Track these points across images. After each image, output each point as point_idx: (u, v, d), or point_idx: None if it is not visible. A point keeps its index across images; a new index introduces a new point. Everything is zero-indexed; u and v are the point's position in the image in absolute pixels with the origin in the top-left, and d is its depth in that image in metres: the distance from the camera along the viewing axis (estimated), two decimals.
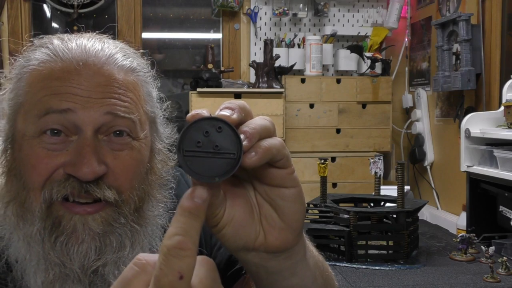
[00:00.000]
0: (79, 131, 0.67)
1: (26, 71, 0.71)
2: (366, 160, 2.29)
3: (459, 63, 2.48)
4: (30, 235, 0.67)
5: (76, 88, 0.67)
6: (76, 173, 0.66)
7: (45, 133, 0.67)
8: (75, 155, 0.67)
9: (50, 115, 0.67)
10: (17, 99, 0.71)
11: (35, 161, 0.67)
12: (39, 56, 0.71)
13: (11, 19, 3.10)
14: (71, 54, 0.70)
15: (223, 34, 3.31)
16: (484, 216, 1.97)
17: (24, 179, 0.68)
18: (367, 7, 3.30)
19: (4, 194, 0.70)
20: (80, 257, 0.66)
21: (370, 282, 1.51)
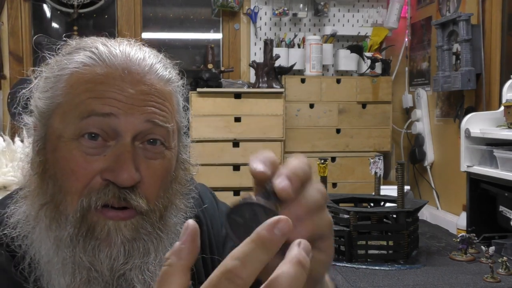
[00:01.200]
0: (117, 136, 0.68)
1: (67, 72, 0.71)
2: (366, 160, 2.29)
3: (459, 63, 2.48)
4: (60, 238, 0.68)
5: (119, 94, 0.69)
6: (115, 179, 0.67)
7: (83, 136, 0.67)
8: (114, 160, 0.68)
9: (91, 118, 0.67)
10: (54, 99, 0.71)
11: (74, 165, 0.68)
12: (81, 59, 0.72)
13: (11, 19, 3.10)
14: (116, 60, 0.72)
15: (223, 34, 3.31)
16: (484, 216, 1.97)
17: (60, 182, 0.69)
18: (367, 7, 3.30)
19: (38, 196, 0.70)
20: (110, 260, 0.68)
21: (370, 282, 1.51)
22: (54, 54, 0.76)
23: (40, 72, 0.76)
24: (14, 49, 3.12)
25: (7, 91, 2.96)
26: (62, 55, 0.75)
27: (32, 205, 0.71)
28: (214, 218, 0.90)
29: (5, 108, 2.96)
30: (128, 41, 0.78)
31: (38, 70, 0.76)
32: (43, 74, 0.74)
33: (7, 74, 3.10)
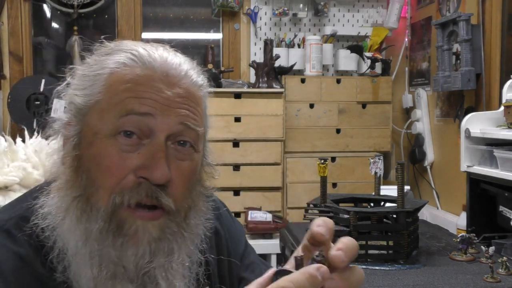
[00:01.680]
0: (152, 135, 0.72)
1: (106, 71, 0.75)
2: (366, 160, 2.29)
3: (459, 63, 2.48)
4: (90, 231, 0.70)
5: (157, 95, 0.72)
6: (149, 176, 0.70)
7: (120, 134, 0.71)
8: (148, 158, 0.71)
9: (130, 116, 0.71)
10: (92, 96, 0.74)
11: (109, 162, 0.71)
12: (122, 59, 0.75)
13: (11, 19, 3.10)
14: (155, 63, 0.75)
15: (223, 34, 3.31)
16: (484, 216, 1.97)
17: (94, 177, 0.71)
18: (367, 7, 3.30)
19: (71, 188, 0.73)
20: (136, 257, 0.71)
21: (370, 282, 1.51)
22: (91, 54, 0.80)
23: (76, 70, 0.79)
24: (14, 49, 3.12)
25: (7, 91, 2.96)
26: (101, 55, 0.78)
27: (64, 197, 0.73)
28: (231, 231, 0.96)
29: (5, 108, 2.96)
30: (163, 46, 0.81)
31: (73, 68, 0.80)
32: (80, 72, 0.78)
33: (7, 74, 3.10)
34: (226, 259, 0.91)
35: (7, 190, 1.19)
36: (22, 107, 2.83)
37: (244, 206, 2.79)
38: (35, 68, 3.20)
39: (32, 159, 1.23)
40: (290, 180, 2.91)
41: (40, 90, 2.84)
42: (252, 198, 2.84)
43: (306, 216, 1.87)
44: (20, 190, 1.19)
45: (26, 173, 1.19)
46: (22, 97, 2.83)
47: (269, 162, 2.86)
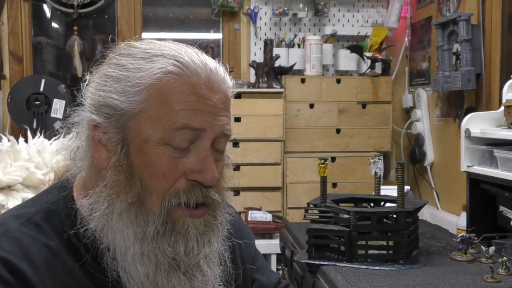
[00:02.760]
0: (199, 141, 0.77)
1: (151, 79, 0.76)
2: (366, 160, 2.29)
3: (459, 63, 2.48)
4: (144, 232, 0.76)
5: (207, 105, 0.77)
6: (202, 179, 0.77)
7: (171, 144, 0.75)
8: (198, 163, 0.77)
9: (184, 130, 0.75)
10: (137, 104, 0.76)
11: (163, 168, 0.75)
12: (166, 67, 0.77)
13: (11, 19, 3.10)
14: (200, 70, 0.78)
15: (223, 34, 3.31)
16: (484, 216, 1.97)
17: (147, 183, 0.76)
18: (367, 7, 3.30)
19: (125, 195, 0.76)
20: (187, 252, 0.78)
21: (370, 282, 1.51)
22: (114, 54, 0.82)
23: (104, 71, 0.81)
24: (14, 49, 3.12)
25: (7, 91, 2.96)
26: (137, 58, 0.79)
27: (115, 202, 0.77)
28: (243, 235, 1.03)
29: (5, 108, 2.96)
30: (192, 48, 0.84)
31: (103, 70, 0.81)
32: (113, 75, 0.79)
33: (7, 74, 3.10)
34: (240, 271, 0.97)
35: (10, 189, 1.20)
36: (22, 107, 2.83)
37: (244, 206, 2.78)
38: (35, 68, 3.20)
39: (35, 159, 1.24)
40: (290, 180, 2.91)
41: (40, 90, 2.84)
42: (252, 198, 2.84)
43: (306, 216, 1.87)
44: (23, 190, 1.19)
45: (29, 173, 1.20)
46: (22, 97, 2.83)
47: (269, 162, 2.86)
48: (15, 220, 0.78)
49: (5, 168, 1.20)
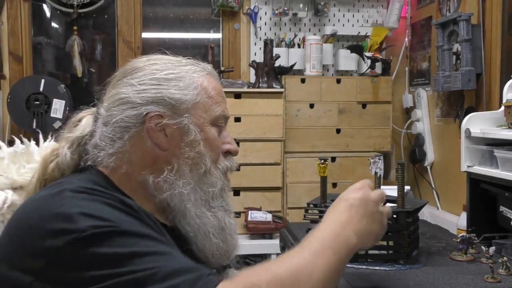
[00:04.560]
0: (223, 125, 1.09)
1: (197, 79, 1.03)
2: (366, 160, 2.29)
3: (459, 63, 2.48)
4: (213, 192, 1.03)
5: (225, 101, 1.09)
6: (233, 149, 1.10)
7: (215, 125, 1.05)
8: (228, 139, 1.10)
9: (222, 116, 1.06)
10: (192, 96, 1.01)
11: (217, 142, 1.05)
12: (200, 69, 1.06)
13: (11, 19, 3.10)
14: (215, 74, 1.10)
15: (223, 34, 3.30)
16: (485, 216, 1.97)
17: (210, 154, 1.02)
18: (367, 7, 3.30)
19: (198, 165, 1.00)
20: (230, 205, 1.09)
21: (370, 282, 1.51)
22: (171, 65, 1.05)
23: (148, 73, 1.01)
24: (14, 49, 3.11)
25: (7, 91, 2.96)
26: (176, 66, 1.04)
27: (191, 172, 1.00)
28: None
29: (4, 108, 2.96)
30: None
31: (146, 75, 1.01)
32: (162, 76, 1.01)
33: (7, 74, 3.10)
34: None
35: (22, 190, 1.23)
36: (22, 107, 2.83)
37: (244, 206, 2.78)
38: (35, 68, 3.20)
39: None
40: (290, 180, 2.91)
41: (40, 90, 2.84)
42: (252, 198, 2.83)
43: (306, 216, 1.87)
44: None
45: None
46: (22, 97, 2.83)
47: (269, 162, 2.86)
48: (79, 184, 0.92)
49: (19, 169, 1.23)
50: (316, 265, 0.82)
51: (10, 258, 0.83)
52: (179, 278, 0.77)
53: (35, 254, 0.80)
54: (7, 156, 1.21)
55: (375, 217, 0.99)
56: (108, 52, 3.38)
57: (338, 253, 0.87)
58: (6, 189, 1.18)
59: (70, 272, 0.78)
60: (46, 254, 0.79)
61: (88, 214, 0.81)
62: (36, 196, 0.93)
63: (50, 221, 0.81)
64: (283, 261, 0.83)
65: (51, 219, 0.82)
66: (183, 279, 0.77)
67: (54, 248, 0.79)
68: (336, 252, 0.87)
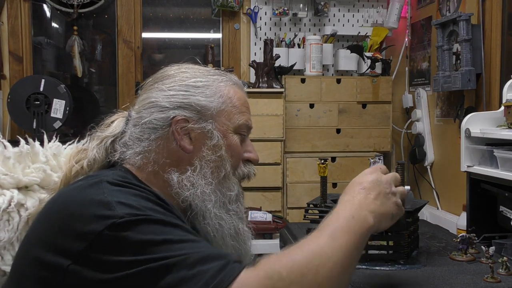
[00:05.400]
0: (247, 135, 1.13)
1: (222, 88, 1.09)
2: (366, 160, 2.29)
3: (459, 63, 2.48)
4: (230, 196, 1.08)
5: (250, 112, 1.13)
6: (253, 156, 1.14)
7: (238, 133, 1.09)
8: (249, 147, 1.13)
9: (245, 125, 1.11)
10: (217, 103, 1.07)
11: (238, 149, 1.09)
12: (230, 81, 1.12)
13: (11, 19, 3.10)
14: (240, 84, 1.15)
15: (223, 34, 3.30)
16: (485, 216, 1.97)
17: (230, 159, 1.07)
18: (367, 7, 3.30)
19: (219, 169, 1.06)
20: (244, 212, 1.15)
21: (370, 282, 1.51)
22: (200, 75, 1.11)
23: (179, 80, 1.09)
24: (14, 49, 3.11)
25: (7, 91, 2.96)
26: (205, 75, 1.10)
27: (212, 174, 1.05)
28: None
29: (5, 108, 2.96)
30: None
31: (176, 81, 1.09)
32: (191, 83, 1.08)
33: (7, 74, 3.10)
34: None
35: (27, 190, 1.24)
36: (22, 107, 2.83)
37: (244, 206, 2.78)
38: (35, 68, 3.20)
39: (51, 162, 1.27)
40: (290, 180, 2.91)
41: (40, 90, 2.84)
42: (252, 198, 2.84)
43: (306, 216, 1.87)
44: (39, 191, 1.24)
45: (46, 175, 1.24)
46: (22, 97, 2.83)
47: (269, 162, 2.86)
48: (114, 176, 0.98)
49: (24, 169, 1.24)
50: (334, 247, 0.86)
51: (49, 242, 0.87)
52: (208, 265, 0.81)
53: (75, 238, 0.84)
54: (13, 156, 1.22)
55: (389, 197, 1.02)
56: (108, 52, 3.38)
57: (356, 234, 0.90)
58: (12, 189, 1.19)
59: (107, 256, 0.82)
60: (85, 237, 0.83)
61: (125, 203, 0.87)
62: (74, 185, 0.98)
63: (90, 207, 0.86)
64: (302, 247, 0.86)
65: (91, 205, 0.87)
66: (211, 266, 0.81)
67: (93, 232, 0.83)
68: (354, 232, 0.90)
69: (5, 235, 1.12)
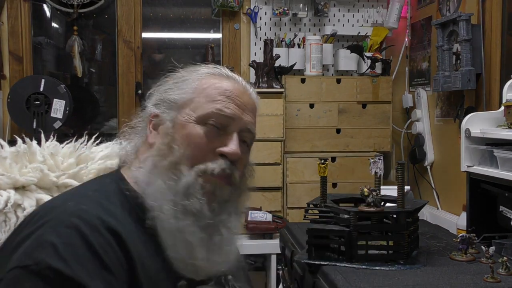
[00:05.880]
0: (229, 129, 1.02)
1: (197, 77, 1.04)
2: (366, 160, 2.29)
3: (459, 63, 2.48)
4: (176, 187, 0.96)
5: (237, 102, 1.03)
6: (227, 151, 0.99)
7: (208, 124, 1.00)
8: (225, 140, 1.00)
9: (219, 115, 1.00)
10: (186, 94, 1.02)
11: (198, 140, 0.99)
12: (209, 71, 1.06)
13: (11, 19, 3.10)
14: (234, 77, 1.07)
15: (223, 34, 3.30)
16: (484, 216, 1.97)
17: (184, 150, 0.98)
18: (367, 7, 3.30)
19: (165, 158, 0.98)
20: (209, 212, 0.96)
21: (370, 282, 1.51)
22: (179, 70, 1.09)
23: (168, 79, 1.08)
24: (14, 49, 3.11)
25: (7, 91, 2.96)
26: (190, 70, 1.07)
27: (156, 163, 0.98)
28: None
29: (5, 108, 2.96)
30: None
31: (166, 77, 1.08)
32: (172, 81, 1.06)
33: (7, 74, 3.10)
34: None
35: (24, 190, 1.22)
36: (22, 107, 2.83)
37: None
38: (35, 68, 3.20)
39: (48, 162, 1.26)
40: (290, 180, 2.91)
41: (40, 90, 2.83)
42: (252, 198, 2.83)
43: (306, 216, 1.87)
44: (36, 191, 1.22)
45: (43, 175, 1.22)
46: (22, 97, 2.83)
47: (269, 162, 2.86)
48: (89, 188, 0.98)
49: (21, 169, 1.23)
50: None
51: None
52: None
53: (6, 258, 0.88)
54: (10, 155, 1.21)
55: None
56: (108, 52, 3.38)
57: None
58: (9, 189, 1.18)
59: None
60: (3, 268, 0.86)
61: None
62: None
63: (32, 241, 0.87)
64: None
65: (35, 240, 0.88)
66: None
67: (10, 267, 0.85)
68: None
69: (2, 236, 1.11)
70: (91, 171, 1.25)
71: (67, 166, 1.26)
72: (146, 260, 0.91)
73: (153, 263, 0.92)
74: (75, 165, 1.27)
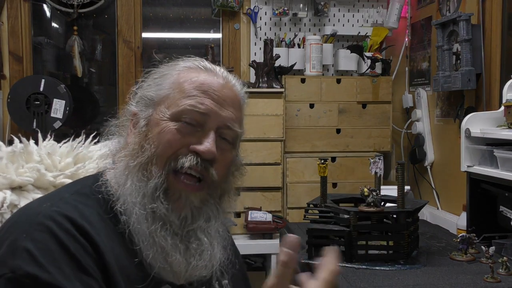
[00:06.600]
0: (205, 125, 0.94)
1: (175, 72, 1.00)
2: (366, 160, 2.29)
3: (459, 63, 2.48)
4: (145, 189, 0.91)
5: (214, 96, 0.96)
6: (201, 149, 0.92)
7: (181, 121, 0.94)
8: (200, 138, 0.94)
9: (193, 112, 0.94)
10: (162, 91, 0.97)
11: (170, 137, 0.93)
12: (187, 64, 1.02)
13: (11, 19, 3.09)
14: (213, 70, 1.02)
15: (223, 34, 3.30)
16: (485, 216, 1.97)
17: (155, 148, 0.92)
18: (367, 7, 3.30)
19: (137, 158, 0.93)
20: (181, 220, 0.92)
21: (370, 282, 1.51)
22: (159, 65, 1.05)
23: (149, 75, 1.03)
24: (14, 49, 3.11)
25: (7, 91, 2.96)
26: (169, 66, 1.03)
27: (128, 165, 0.94)
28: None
29: (5, 108, 2.96)
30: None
31: (147, 73, 1.04)
32: (152, 77, 1.02)
33: (7, 74, 3.10)
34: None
35: (21, 190, 1.21)
36: (22, 107, 2.83)
37: (244, 206, 2.78)
38: (35, 68, 3.20)
39: (45, 161, 1.24)
40: (290, 180, 2.91)
41: (40, 90, 2.83)
42: (252, 198, 2.83)
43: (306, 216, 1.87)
44: (33, 191, 1.21)
45: (40, 174, 1.21)
46: (22, 97, 2.83)
47: (269, 162, 2.86)
48: (67, 190, 0.94)
49: (17, 169, 1.21)
50: None
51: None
52: None
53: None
54: (6, 155, 1.20)
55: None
56: (108, 52, 3.38)
57: None
58: (5, 189, 1.17)
59: None
60: None
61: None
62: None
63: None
64: None
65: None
66: None
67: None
68: None
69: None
70: (88, 171, 1.24)
71: (64, 165, 1.25)
72: (125, 264, 0.88)
73: (132, 268, 0.89)
74: (72, 164, 1.26)
